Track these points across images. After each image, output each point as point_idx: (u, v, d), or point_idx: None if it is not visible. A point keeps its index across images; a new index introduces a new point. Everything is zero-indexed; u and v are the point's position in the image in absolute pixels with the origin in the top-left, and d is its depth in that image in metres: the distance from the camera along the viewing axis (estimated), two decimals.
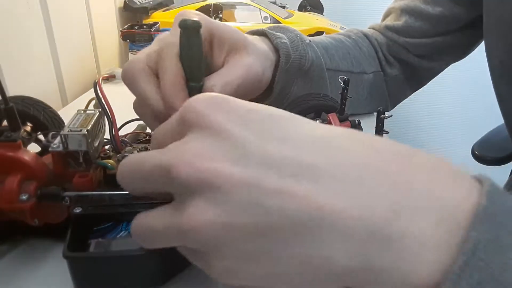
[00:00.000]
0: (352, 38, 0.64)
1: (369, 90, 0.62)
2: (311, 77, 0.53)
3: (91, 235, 0.30)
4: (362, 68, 0.62)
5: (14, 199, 0.29)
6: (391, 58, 0.65)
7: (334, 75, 0.57)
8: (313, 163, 0.20)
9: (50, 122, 0.40)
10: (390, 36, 0.65)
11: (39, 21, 0.68)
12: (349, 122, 0.41)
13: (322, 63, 0.54)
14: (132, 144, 0.37)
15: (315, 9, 1.20)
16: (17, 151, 0.30)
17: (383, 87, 0.65)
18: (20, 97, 0.40)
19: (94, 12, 0.86)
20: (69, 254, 0.27)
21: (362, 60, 0.62)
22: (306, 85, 0.53)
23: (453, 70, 0.71)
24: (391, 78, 0.65)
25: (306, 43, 0.52)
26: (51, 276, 0.32)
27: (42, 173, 0.31)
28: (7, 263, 0.34)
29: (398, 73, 0.65)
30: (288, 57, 0.48)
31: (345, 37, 0.64)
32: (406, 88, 0.69)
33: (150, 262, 0.29)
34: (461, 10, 0.60)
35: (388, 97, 0.67)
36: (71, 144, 0.31)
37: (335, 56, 0.59)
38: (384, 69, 0.65)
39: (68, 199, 0.31)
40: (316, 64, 0.53)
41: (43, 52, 0.69)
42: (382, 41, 0.65)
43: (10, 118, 0.31)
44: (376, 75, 0.63)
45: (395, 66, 0.65)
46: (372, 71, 0.63)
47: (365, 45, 0.64)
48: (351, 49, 0.62)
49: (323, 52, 0.57)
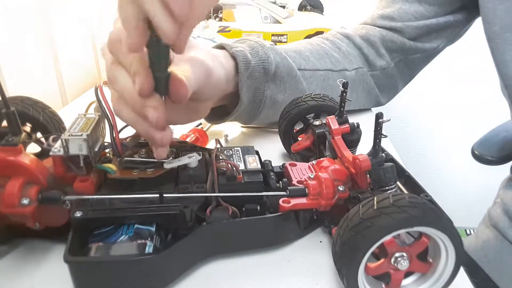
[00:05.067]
0: (330, 40, 0.65)
1: (354, 87, 0.63)
2: (281, 78, 0.54)
3: (92, 239, 0.30)
4: (343, 66, 0.62)
5: (15, 203, 0.29)
6: (383, 49, 0.66)
7: (313, 75, 0.59)
8: None
9: (49, 123, 0.40)
10: (384, 24, 0.66)
11: (40, 22, 0.68)
12: (348, 125, 0.41)
13: (290, 63, 0.55)
14: (133, 147, 0.37)
15: (315, 9, 1.20)
16: (18, 155, 0.30)
17: (369, 83, 0.66)
18: (19, 98, 0.40)
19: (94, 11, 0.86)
20: (70, 258, 0.28)
21: (342, 58, 0.63)
22: (279, 87, 0.54)
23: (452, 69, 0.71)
24: (380, 71, 0.66)
25: (266, 48, 0.53)
26: (51, 277, 0.32)
27: (43, 177, 0.31)
28: (7, 263, 0.34)
29: (388, 65, 0.66)
30: (247, 63, 0.49)
31: (322, 39, 0.65)
32: (397, 79, 0.69)
33: (150, 266, 0.29)
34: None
35: (378, 92, 0.67)
36: (72, 148, 0.32)
37: (310, 57, 0.60)
38: (373, 63, 0.65)
39: (69, 203, 0.31)
40: (282, 65, 0.54)
41: (43, 52, 0.70)
42: (375, 33, 0.66)
43: (11, 122, 0.31)
44: (359, 71, 0.64)
45: (385, 58, 0.66)
46: (354, 68, 0.64)
47: (344, 45, 0.65)
48: (328, 50, 0.63)
49: (294, 55, 0.58)
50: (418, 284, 0.31)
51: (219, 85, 0.44)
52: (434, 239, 0.30)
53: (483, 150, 0.78)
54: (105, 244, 0.30)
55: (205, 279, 0.33)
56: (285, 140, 0.50)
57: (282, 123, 0.49)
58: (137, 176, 0.34)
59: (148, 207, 0.32)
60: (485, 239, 0.66)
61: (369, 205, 0.28)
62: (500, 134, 0.79)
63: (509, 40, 0.53)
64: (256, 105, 0.53)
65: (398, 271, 0.30)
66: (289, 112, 0.48)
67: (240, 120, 0.55)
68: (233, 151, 0.40)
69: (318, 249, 0.37)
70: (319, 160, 0.39)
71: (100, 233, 0.31)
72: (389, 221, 0.27)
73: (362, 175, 0.35)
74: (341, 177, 0.36)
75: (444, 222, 0.29)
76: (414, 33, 0.65)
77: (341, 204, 0.35)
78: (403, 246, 0.30)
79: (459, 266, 0.30)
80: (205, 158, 0.37)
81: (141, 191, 0.33)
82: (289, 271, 0.34)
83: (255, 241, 0.35)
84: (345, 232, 0.29)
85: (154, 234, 0.31)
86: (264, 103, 0.53)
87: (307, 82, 0.58)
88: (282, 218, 0.34)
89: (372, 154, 0.35)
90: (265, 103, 0.53)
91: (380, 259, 0.30)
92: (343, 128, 0.41)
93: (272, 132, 0.59)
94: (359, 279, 0.29)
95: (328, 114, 0.43)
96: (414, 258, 0.30)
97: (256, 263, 0.35)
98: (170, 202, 0.33)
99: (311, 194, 0.34)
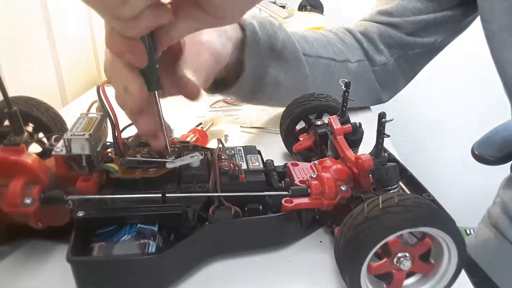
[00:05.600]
0: (334, 32, 0.66)
1: (355, 80, 0.63)
2: (285, 59, 0.54)
3: (94, 239, 0.30)
4: (345, 57, 0.63)
5: (18, 203, 0.29)
6: (381, 45, 0.66)
7: (316, 62, 0.59)
8: None
9: (52, 124, 0.40)
10: (382, 20, 0.66)
11: (39, 21, 0.68)
12: (350, 125, 0.41)
13: (295, 45, 0.55)
14: (135, 147, 0.37)
15: (315, 9, 1.20)
16: (20, 155, 0.30)
17: (370, 77, 0.66)
18: (23, 98, 0.40)
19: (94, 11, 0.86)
20: (73, 258, 0.28)
21: (345, 50, 0.63)
22: (282, 67, 0.54)
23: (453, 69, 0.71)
24: (380, 66, 0.66)
25: (275, 26, 0.53)
26: (53, 277, 0.32)
27: (45, 176, 0.31)
28: (9, 263, 0.34)
29: (387, 61, 0.66)
30: (255, 35, 0.49)
31: (326, 31, 0.65)
32: (398, 76, 0.69)
33: (153, 266, 0.29)
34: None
35: (379, 87, 0.67)
36: (74, 148, 0.32)
37: (314, 44, 0.60)
38: (372, 58, 0.65)
39: (71, 202, 0.31)
40: (288, 44, 0.54)
41: (43, 52, 0.69)
42: (373, 29, 0.66)
43: (13, 121, 0.31)
44: (360, 64, 0.64)
45: (384, 54, 0.66)
46: (356, 60, 0.64)
47: (348, 38, 0.65)
48: (332, 40, 0.63)
49: (299, 39, 0.58)
50: (420, 285, 0.32)
51: (224, 61, 0.45)
52: (437, 240, 0.30)
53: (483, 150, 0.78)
54: (107, 243, 0.30)
55: (206, 279, 0.33)
56: (286, 139, 0.50)
57: (285, 121, 0.49)
58: (140, 176, 0.34)
59: (150, 206, 0.32)
60: (484, 238, 0.66)
61: (374, 204, 0.28)
62: (500, 134, 0.79)
63: (506, 40, 0.53)
64: (257, 81, 0.52)
65: (400, 271, 0.30)
66: (292, 111, 0.48)
67: (240, 96, 0.55)
68: (235, 150, 0.40)
69: (318, 249, 0.37)
70: (321, 160, 0.39)
71: (103, 233, 0.31)
72: (395, 220, 0.27)
73: (365, 175, 0.35)
74: (344, 177, 0.36)
75: (448, 223, 0.29)
76: (412, 28, 0.64)
77: (344, 204, 0.35)
78: (406, 246, 0.30)
79: (461, 268, 0.30)
80: (207, 158, 0.37)
81: (143, 191, 0.33)
82: (289, 271, 0.34)
83: (258, 241, 0.35)
84: (349, 231, 0.29)
85: (157, 234, 0.31)
86: (265, 80, 0.53)
87: (310, 69, 0.58)
88: (285, 218, 0.34)
89: (374, 153, 0.35)
90: (266, 80, 0.53)
91: (383, 258, 0.30)
92: (345, 128, 0.41)
93: (272, 134, 0.59)
94: (362, 278, 0.29)
95: (331, 114, 0.43)
96: (416, 259, 0.30)
97: (256, 263, 0.35)
98: (173, 201, 0.32)
99: (314, 194, 0.34)
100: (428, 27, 0.65)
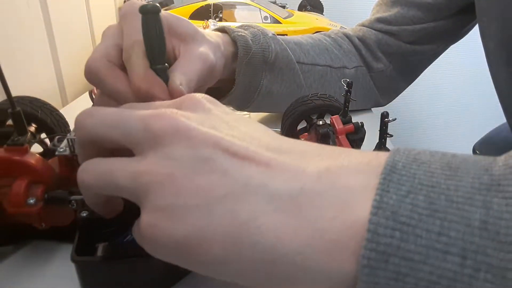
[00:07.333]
0: (332, 37, 0.65)
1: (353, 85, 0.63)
2: (279, 69, 0.54)
3: (98, 239, 0.30)
4: (342, 63, 0.62)
5: (22, 203, 0.29)
6: (379, 53, 0.66)
7: (312, 70, 0.59)
8: (275, 144, 0.22)
9: (56, 126, 0.40)
10: (380, 27, 0.66)
11: (39, 21, 0.68)
12: (352, 124, 0.42)
13: (290, 55, 0.55)
14: None
15: (315, 9, 1.20)
16: (24, 155, 0.30)
17: (368, 82, 0.66)
18: (27, 98, 0.40)
19: (94, 12, 0.86)
20: (77, 258, 0.28)
21: (342, 56, 0.63)
22: (276, 78, 0.54)
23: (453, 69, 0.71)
24: (378, 73, 0.66)
25: (268, 37, 0.53)
26: (56, 277, 0.32)
27: (49, 177, 0.31)
28: (13, 264, 0.34)
29: (385, 68, 0.66)
30: (247, 49, 0.49)
31: (323, 36, 0.65)
32: (398, 81, 0.69)
33: (157, 265, 0.29)
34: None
35: (377, 92, 0.67)
36: None
37: (310, 51, 0.59)
38: (370, 65, 0.65)
39: (75, 202, 0.31)
40: (281, 56, 0.54)
41: (43, 52, 0.69)
42: (371, 36, 0.66)
43: (17, 122, 0.31)
44: (358, 69, 0.64)
45: (382, 61, 0.66)
46: (354, 66, 0.64)
47: (345, 44, 0.65)
48: (330, 46, 0.63)
49: (295, 47, 0.57)
50: None
51: (217, 75, 0.44)
52: None
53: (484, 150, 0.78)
54: (111, 244, 0.30)
55: (209, 279, 0.33)
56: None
57: (287, 120, 0.49)
58: None
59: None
60: None
61: None
62: (501, 134, 0.80)
63: (501, 58, 0.52)
64: (251, 93, 0.53)
65: None
66: (295, 110, 0.48)
67: (233, 105, 0.55)
68: None
69: None
70: None
71: (107, 233, 0.31)
72: None
73: None
74: None
75: None
76: (411, 37, 0.65)
77: None
78: None
79: None
80: None
81: None
82: None
83: None
84: None
85: None
86: (259, 92, 0.53)
87: (305, 76, 0.58)
88: None
89: None
90: (260, 92, 0.53)
91: None
92: (347, 128, 0.41)
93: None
94: None
95: (332, 114, 0.43)
96: None
97: None
98: None
99: None
100: (428, 36, 0.65)
